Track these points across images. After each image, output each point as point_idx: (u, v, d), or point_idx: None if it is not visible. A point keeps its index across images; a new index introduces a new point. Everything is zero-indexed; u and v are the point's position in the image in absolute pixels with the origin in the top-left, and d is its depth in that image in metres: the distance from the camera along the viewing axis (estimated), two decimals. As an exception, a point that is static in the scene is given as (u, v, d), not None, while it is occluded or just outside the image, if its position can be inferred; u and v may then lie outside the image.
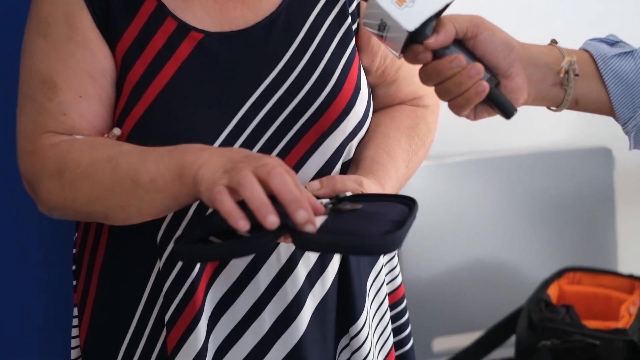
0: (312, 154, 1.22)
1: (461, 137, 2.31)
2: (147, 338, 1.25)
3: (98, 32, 1.18)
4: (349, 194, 1.16)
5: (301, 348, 1.26)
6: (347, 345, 1.31)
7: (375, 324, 1.37)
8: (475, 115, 1.15)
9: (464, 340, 2.31)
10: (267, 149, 1.20)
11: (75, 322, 1.34)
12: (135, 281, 1.25)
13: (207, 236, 1.05)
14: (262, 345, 1.25)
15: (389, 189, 1.24)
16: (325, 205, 1.12)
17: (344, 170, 1.27)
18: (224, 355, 1.25)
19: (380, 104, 1.36)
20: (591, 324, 2.03)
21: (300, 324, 1.25)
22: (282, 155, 1.21)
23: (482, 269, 2.36)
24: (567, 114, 2.41)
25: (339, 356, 1.32)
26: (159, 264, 1.22)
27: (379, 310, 1.38)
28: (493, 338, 2.26)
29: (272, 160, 0.99)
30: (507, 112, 1.12)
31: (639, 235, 2.58)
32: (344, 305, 1.30)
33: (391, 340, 1.40)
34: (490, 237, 2.34)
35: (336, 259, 1.29)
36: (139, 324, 1.25)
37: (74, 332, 1.34)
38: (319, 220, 1.04)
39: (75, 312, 1.33)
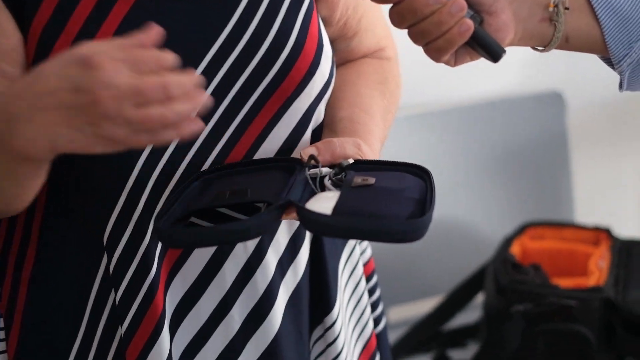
0: (277, 122, 1.09)
1: (403, 91, 2.21)
2: (95, 353, 1.11)
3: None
4: (350, 161, 1.04)
5: (276, 346, 1.13)
6: (321, 336, 1.20)
7: (352, 309, 1.25)
8: (456, 60, 1.05)
9: (422, 307, 2.20)
10: (225, 121, 1.07)
11: (1, 335, 1.15)
12: (76, 288, 1.10)
13: (187, 216, 0.95)
14: (232, 348, 1.13)
15: (376, 151, 1.12)
16: (329, 177, 1.01)
17: (316, 138, 1.13)
18: None
19: (341, 60, 1.24)
20: (561, 282, 1.93)
21: (274, 319, 1.13)
22: (242, 126, 1.07)
23: (436, 229, 2.23)
24: (515, 60, 2.35)
25: (312, 348, 1.20)
26: (105, 268, 1.07)
27: (355, 293, 1.26)
28: (454, 303, 2.15)
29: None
30: (495, 54, 1.03)
31: (593, 181, 2.51)
32: (317, 292, 1.18)
33: (371, 325, 1.28)
34: (443, 195, 2.20)
35: (307, 240, 1.16)
36: (85, 338, 1.10)
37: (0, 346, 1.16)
38: (330, 198, 0.95)
39: (1, 323, 1.15)
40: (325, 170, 1.02)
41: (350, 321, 1.24)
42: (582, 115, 2.43)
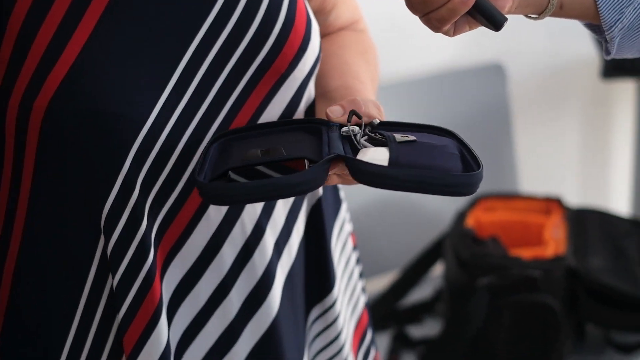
0: (271, 99, 1.07)
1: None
2: (93, 339, 1.06)
3: None
4: (377, 121, 1.02)
5: (275, 329, 1.11)
6: (320, 316, 1.18)
7: (345, 285, 1.23)
8: (455, 30, 1.03)
9: (378, 284, 2.19)
10: (218, 103, 1.03)
11: None
12: (71, 271, 1.04)
13: (221, 176, 0.93)
14: (231, 331, 1.10)
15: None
16: (364, 134, 0.99)
17: (309, 114, 1.12)
18: (185, 349, 1.09)
19: (319, 34, 1.21)
20: (518, 253, 1.94)
21: (272, 302, 1.10)
22: (236, 107, 1.04)
23: (387, 204, 2.24)
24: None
25: (310, 329, 1.18)
26: (102, 250, 1.02)
27: (347, 268, 1.23)
28: (410, 278, 2.14)
29: None
30: (497, 22, 1.00)
31: (536, 151, 2.53)
32: (317, 272, 1.16)
33: (362, 301, 1.26)
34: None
35: (302, 219, 1.14)
36: (82, 323, 1.05)
37: None
38: (378, 152, 0.94)
39: None
40: (356, 129, 0.99)
41: (344, 297, 1.22)
42: (522, 86, 2.45)
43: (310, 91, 1.11)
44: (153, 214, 1.02)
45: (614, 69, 2.29)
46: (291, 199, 1.11)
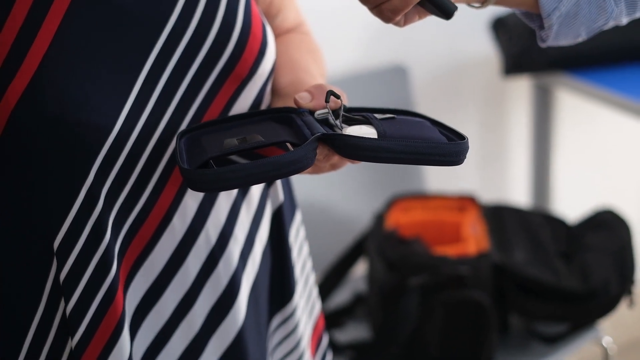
0: (232, 105, 1.06)
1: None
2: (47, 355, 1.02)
3: None
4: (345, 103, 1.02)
5: (241, 340, 1.09)
6: (281, 324, 1.17)
7: (301, 289, 1.22)
8: (405, 20, 1.05)
9: (297, 291, 2.15)
10: (181, 110, 1.02)
11: None
12: (21, 300, 1.00)
13: (205, 163, 0.91)
14: (196, 345, 1.08)
15: None
16: (338, 115, 0.98)
17: None
18: None
19: None
20: (440, 251, 1.96)
21: (237, 313, 1.08)
22: (199, 113, 1.03)
23: (301, 207, 2.22)
24: (357, 36, 2.36)
25: (272, 337, 1.18)
26: (56, 272, 0.99)
27: (303, 272, 1.23)
28: (330, 281, 2.14)
29: None
30: (448, 10, 1.02)
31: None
32: (278, 280, 1.16)
33: (318, 306, 1.26)
34: (300, 176, 2.20)
35: (264, 227, 1.13)
36: (37, 335, 1.01)
37: None
38: (362, 129, 0.94)
39: None
40: (323, 111, 0.99)
41: (301, 303, 1.21)
42: (424, 86, 2.48)
43: (268, 95, 1.11)
44: (118, 225, 0.99)
45: (514, 66, 2.35)
46: (254, 207, 1.10)
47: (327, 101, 0.98)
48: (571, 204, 2.73)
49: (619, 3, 1.07)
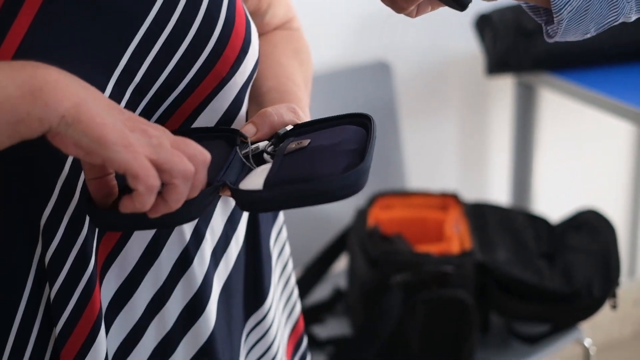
0: (207, 105, 1.03)
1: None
2: (30, 356, 0.99)
3: None
4: (289, 127, 0.99)
5: (213, 340, 1.06)
6: (254, 327, 1.15)
7: (281, 290, 1.21)
8: (417, 11, 1.03)
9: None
10: (154, 105, 1.00)
11: None
12: (7, 285, 0.96)
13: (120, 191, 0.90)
14: (167, 344, 1.05)
15: (308, 117, 1.07)
16: (265, 150, 0.96)
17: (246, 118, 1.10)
18: None
19: None
20: (423, 249, 1.95)
21: (210, 313, 1.06)
22: (170, 110, 1.01)
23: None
24: (340, 32, 2.35)
25: (246, 340, 1.15)
26: (39, 261, 0.96)
27: (283, 273, 1.21)
28: (312, 277, 2.13)
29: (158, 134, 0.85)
30: (462, 1, 1.00)
31: (423, 148, 2.55)
32: (252, 282, 1.13)
33: (298, 307, 1.24)
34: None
35: (242, 228, 1.10)
36: (17, 341, 0.98)
37: None
38: (263, 171, 0.91)
39: None
40: (262, 144, 0.97)
41: (279, 304, 1.20)
42: (407, 83, 2.46)
43: (247, 95, 1.08)
44: None
45: (498, 65, 2.34)
46: (230, 206, 1.07)
47: (237, 145, 0.97)
48: (553, 204, 2.73)
49: None
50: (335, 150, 0.91)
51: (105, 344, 0.98)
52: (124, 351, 1.03)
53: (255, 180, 0.90)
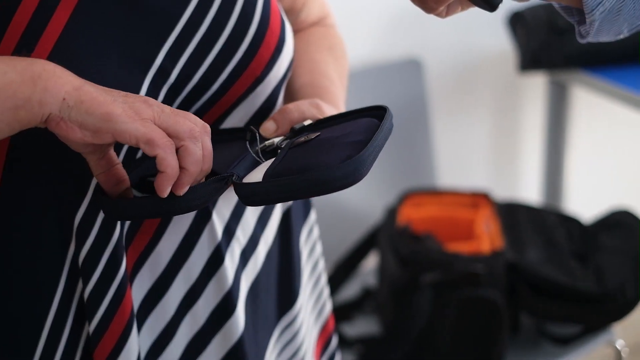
0: (239, 104, 1.03)
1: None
2: (62, 354, 0.98)
3: None
4: (307, 122, 0.99)
5: (242, 341, 1.06)
6: (285, 329, 1.15)
7: (310, 290, 1.20)
8: (447, 11, 1.02)
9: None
10: (187, 104, 1.00)
11: None
12: (40, 285, 0.96)
13: (138, 183, 0.92)
14: (198, 343, 1.05)
15: (338, 111, 1.07)
16: (279, 145, 0.96)
17: None
18: None
19: None
20: (452, 248, 1.94)
21: (239, 313, 1.05)
22: (204, 109, 1.01)
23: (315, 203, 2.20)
24: (372, 29, 2.34)
25: (277, 342, 1.15)
26: (72, 261, 0.95)
27: (314, 273, 1.20)
28: (341, 274, 2.13)
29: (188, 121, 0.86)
30: (493, 1, 0.98)
31: (454, 146, 2.54)
32: (282, 283, 1.13)
33: (328, 307, 1.23)
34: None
35: (271, 229, 1.10)
36: (48, 343, 0.97)
37: None
38: (266, 165, 0.91)
39: None
40: (277, 140, 0.97)
41: (308, 304, 1.19)
42: (439, 81, 2.45)
43: (282, 94, 1.08)
44: None
45: (530, 62, 2.32)
46: (261, 206, 1.07)
47: (249, 140, 0.97)
48: (585, 203, 2.70)
49: None
50: (340, 141, 0.90)
51: (137, 343, 0.98)
52: (156, 350, 1.02)
53: (258, 173, 0.90)
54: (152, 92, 0.95)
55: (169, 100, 0.97)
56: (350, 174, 0.84)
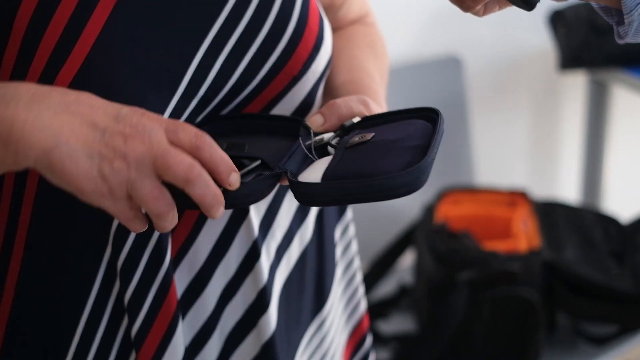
0: (277, 103, 1.01)
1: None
2: (95, 353, 0.99)
3: None
4: (356, 119, 0.97)
5: (274, 339, 1.05)
6: (316, 332, 1.14)
7: (342, 290, 1.18)
8: (484, 10, 1.00)
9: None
10: (226, 102, 0.99)
11: None
12: (75, 285, 0.97)
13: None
14: (232, 341, 1.04)
15: (385, 109, 1.04)
16: (329, 142, 0.94)
17: None
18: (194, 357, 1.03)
19: None
20: (489, 246, 1.94)
21: (272, 310, 1.04)
22: (241, 106, 1.00)
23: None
24: (412, 26, 2.34)
25: (308, 344, 1.14)
26: (109, 260, 0.96)
27: (347, 272, 1.19)
28: (378, 271, 2.13)
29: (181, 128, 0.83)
30: (530, 1, 0.97)
31: (492, 144, 2.54)
32: (315, 284, 1.12)
33: (362, 306, 1.21)
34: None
35: (307, 228, 1.09)
36: (81, 343, 0.98)
37: None
38: (323, 164, 0.89)
39: None
40: (327, 136, 0.95)
41: (339, 304, 1.18)
42: (478, 78, 2.45)
43: (319, 99, 1.07)
44: None
45: (570, 61, 2.31)
46: (297, 202, 1.07)
47: (301, 134, 0.96)
48: (623, 203, 2.69)
49: None
50: (398, 145, 0.89)
51: (182, 341, 0.98)
52: (196, 346, 1.02)
53: (315, 172, 0.89)
54: (191, 91, 0.96)
55: (206, 100, 0.97)
56: (412, 181, 0.82)
